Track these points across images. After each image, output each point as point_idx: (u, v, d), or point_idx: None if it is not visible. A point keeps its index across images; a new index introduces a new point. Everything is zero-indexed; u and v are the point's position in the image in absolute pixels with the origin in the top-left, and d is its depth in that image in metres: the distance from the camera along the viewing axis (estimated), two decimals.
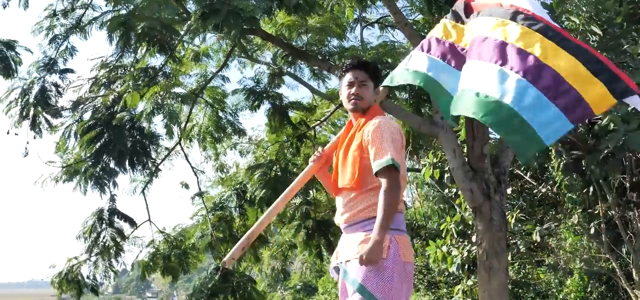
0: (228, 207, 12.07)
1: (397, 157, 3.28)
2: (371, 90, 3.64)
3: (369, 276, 3.19)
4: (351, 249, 3.35)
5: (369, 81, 3.63)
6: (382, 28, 11.34)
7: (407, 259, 3.31)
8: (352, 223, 3.42)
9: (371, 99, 3.63)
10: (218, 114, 11.45)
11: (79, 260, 10.92)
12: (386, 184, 3.25)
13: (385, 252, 3.20)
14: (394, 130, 3.40)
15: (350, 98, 3.61)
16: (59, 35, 10.54)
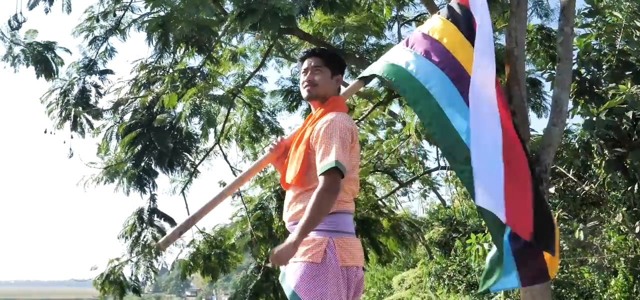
0: (267, 208, 12.10)
1: (344, 158, 3.11)
2: (327, 76, 3.50)
3: (302, 282, 3.04)
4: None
5: (324, 67, 3.50)
6: (419, 25, 11.23)
7: (346, 263, 3.14)
8: (293, 223, 3.24)
9: (328, 87, 3.49)
10: (256, 113, 11.49)
11: (121, 261, 11.04)
12: (322, 185, 3.07)
13: (320, 257, 3.06)
14: (345, 129, 3.22)
15: (303, 85, 3.52)
16: (99, 37, 10.68)
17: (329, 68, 3.52)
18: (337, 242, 3.13)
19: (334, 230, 3.16)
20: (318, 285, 3.02)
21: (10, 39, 10.68)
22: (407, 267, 22.66)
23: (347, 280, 3.14)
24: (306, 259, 3.08)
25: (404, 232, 12.68)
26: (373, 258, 12.19)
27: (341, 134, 3.18)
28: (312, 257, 3.07)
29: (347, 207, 3.28)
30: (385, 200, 16.73)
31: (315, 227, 3.07)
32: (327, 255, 3.07)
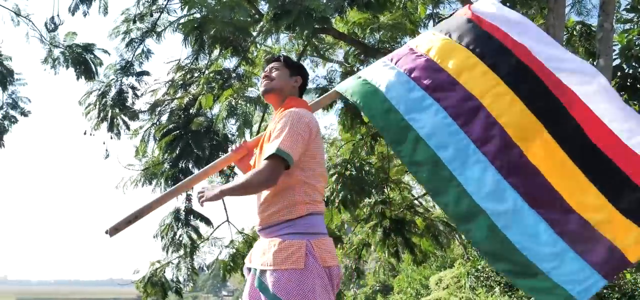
0: None
1: (291, 148, 3.06)
2: (285, 74, 3.49)
3: (292, 291, 2.95)
4: (266, 257, 3.09)
5: (283, 68, 3.52)
6: None
7: (328, 263, 3.08)
8: (267, 226, 3.18)
9: (285, 83, 3.47)
10: None
11: (162, 263, 11.14)
12: (259, 167, 3.10)
13: (302, 262, 2.99)
14: (299, 121, 3.16)
15: (261, 83, 3.54)
16: (135, 38, 10.81)
17: (287, 68, 3.54)
18: (315, 244, 3.08)
19: (310, 232, 3.11)
20: (306, 291, 2.97)
21: (49, 41, 10.88)
22: (445, 267, 22.50)
23: (331, 280, 3.10)
24: (288, 266, 3.00)
25: (439, 232, 12.58)
26: (407, 258, 12.10)
27: (294, 126, 3.14)
28: (294, 264, 3.00)
29: (319, 207, 3.23)
30: (422, 199, 16.65)
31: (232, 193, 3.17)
32: (308, 260, 3.02)
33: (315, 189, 3.21)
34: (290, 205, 3.12)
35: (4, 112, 11.49)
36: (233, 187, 3.18)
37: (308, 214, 3.13)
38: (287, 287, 2.96)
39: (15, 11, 10.93)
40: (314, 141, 3.21)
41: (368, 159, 11.76)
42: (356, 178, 10.94)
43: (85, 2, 10.42)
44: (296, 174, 3.14)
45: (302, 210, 3.12)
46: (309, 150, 3.19)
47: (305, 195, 3.15)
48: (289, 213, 3.11)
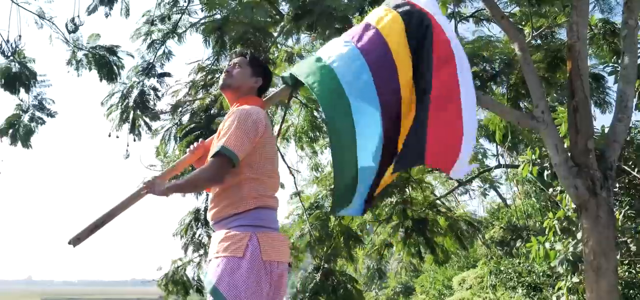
0: (323, 207, 12.10)
1: (236, 146, 3.09)
2: (246, 73, 3.50)
3: (223, 276, 3.00)
4: (213, 247, 3.16)
5: (246, 66, 3.53)
6: (477, 22, 11.05)
7: (270, 257, 3.10)
8: (217, 220, 3.23)
9: (244, 82, 3.49)
10: (313, 113, 11.48)
11: (183, 262, 11.19)
12: (206, 164, 3.17)
13: (241, 251, 3.03)
14: (248, 119, 3.18)
15: (221, 76, 3.56)
16: (157, 40, 10.86)
17: (250, 67, 3.55)
18: (261, 237, 3.10)
19: (257, 225, 3.14)
20: (239, 279, 2.99)
21: (73, 43, 10.97)
22: (468, 267, 22.36)
23: (270, 274, 3.11)
24: (228, 253, 3.05)
25: (462, 231, 12.50)
26: (429, 258, 12.04)
27: (241, 125, 3.15)
28: (234, 252, 3.05)
29: (269, 202, 3.25)
30: (445, 199, 16.56)
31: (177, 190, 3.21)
32: (248, 249, 3.05)
33: (266, 185, 3.25)
34: (239, 200, 3.16)
35: (31, 114, 11.61)
36: (180, 184, 3.25)
37: (256, 208, 3.17)
38: (219, 272, 3.02)
39: (39, 14, 11.04)
40: (263, 139, 3.24)
41: None
42: None
43: (105, 3, 10.49)
44: (244, 172, 3.18)
45: (250, 204, 3.16)
46: (258, 147, 3.22)
47: (254, 191, 3.18)
48: (237, 207, 3.16)
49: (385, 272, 24.94)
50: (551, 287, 13.41)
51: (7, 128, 11.35)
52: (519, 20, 9.85)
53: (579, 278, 8.80)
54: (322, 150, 14.73)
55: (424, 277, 24.85)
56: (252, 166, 3.19)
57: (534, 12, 9.32)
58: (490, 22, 10.66)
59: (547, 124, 7.14)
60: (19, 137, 11.39)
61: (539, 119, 7.21)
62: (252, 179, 3.18)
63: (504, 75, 9.20)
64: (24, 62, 11.01)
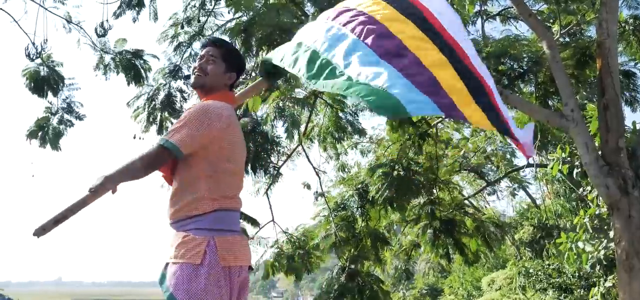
0: (350, 207, 12.06)
1: (182, 141, 2.98)
2: (220, 70, 3.34)
3: (180, 283, 2.87)
4: (170, 250, 3.01)
5: (220, 60, 3.35)
6: (504, 20, 10.93)
7: (229, 263, 2.97)
8: (176, 220, 3.07)
9: (217, 80, 3.33)
10: (338, 114, 11.45)
11: None
12: (145, 151, 3.03)
13: (199, 257, 2.89)
14: (205, 117, 3.05)
15: (194, 70, 3.37)
16: (183, 42, 10.91)
17: (224, 62, 3.38)
18: (219, 242, 2.97)
19: (216, 228, 3.01)
20: (197, 287, 2.88)
21: (101, 48, 11.07)
22: (497, 267, 22.18)
23: (230, 280, 2.98)
24: (185, 260, 2.93)
25: (490, 233, 12.38)
26: (458, 259, 11.94)
27: (193, 120, 3.04)
28: (191, 258, 2.92)
29: (229, 204, 3.10)
30: (473, 200, 16.41)
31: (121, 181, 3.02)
32: (206, 255, 2.92)
33: (226, 183, 3.11)
34: (196, 201, 3.01)
35: (60, 117, 11.74)
36: (117, 175, 3.02)
37: (214, 210, 3.03)
38: (176, 281, 2.89)
39: (67, 18, 11.15)
40: (224, 136, 3.11)
41: (416, 159, 11.63)
42: (404, 178, 10.84)
43: (131, 7, 10.58)
44: (201, 166, 3.06)
45: (208, 206, 3.02)
46: (216, 143, 3.08)
47: (213, 192, 3.04)
48: (195, 208, 3.01)
49: (413, 273, 24.83)
50: (582, 288, 13.22)
51: (36, 130, 11.48)
52: (547, 18, 9.72)
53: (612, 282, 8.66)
54: (347, 152, 14.71)
55: (452, 278, 24.70)
56: (209, 162, 3.06)
57: (561, 10, 9.20)
58: (517, 20, 10.54)
59: (576, 122, 7.03)
60: (48, 140, 11.51)
61: (568, 117, 7.10)
62: (209, 176, 3.05)
63: (532, 74, 9.08)
64: (52, 66, 11.13)
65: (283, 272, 11.75)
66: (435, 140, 11.98)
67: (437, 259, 13.78)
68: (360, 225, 11.90)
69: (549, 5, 9.77)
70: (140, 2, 10.86)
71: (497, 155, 16.54)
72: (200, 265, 2.90)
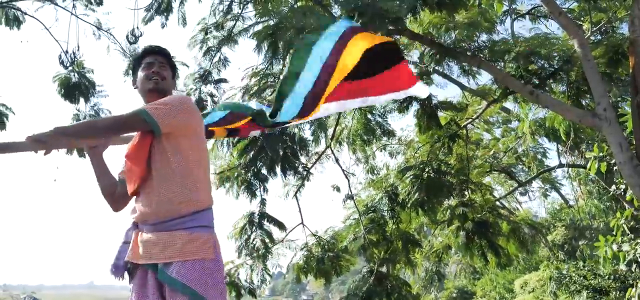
0: (380, 210, 12.01)
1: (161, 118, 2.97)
2: (170, 76, 3.42)
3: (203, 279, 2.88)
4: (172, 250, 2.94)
5: (168, 68, 3.42)
6: (534, 19, 10.79)
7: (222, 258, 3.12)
8: (166, 219, 2.99)
9: (169, 85, 3.39)
10: (366, 116, 11.40)
11: (236, 264, 11.25)
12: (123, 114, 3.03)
13: (212, 253, 2.96)
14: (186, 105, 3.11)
15: (150, 77, 3.32)
16: (212, 47, 10.96)
17: (171, 70, 3.46)
18: (216, 239, 3.08)
19: (211, 226, 3.07)
20: (219, 279, 2.96)
21: (130, 54, 11.18)
22: (529, 269, 21.92)
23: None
24: (201, 256, 2.94)
25: (524, 235, 12.22)
26: (492, 261, 11.81)
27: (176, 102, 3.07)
28: (207, 254, 2.96)
29: (211, 201, 3.16)
30: (505, 201, 16.24)
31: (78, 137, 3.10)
32: (216, 250, 3.02)
33: (208, 179, 3.20)
34: (193, 199, 3.01)
35: None
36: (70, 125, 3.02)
37: (208, 208, 3.09)
38: (201, 278, 2.90)
39: (97, 25, 11.29)
40: (202, 128, 3.21)
41: (446, 161, 11.54)
42: (434, 180, 10.75)
43: (161, 13, 10.66)
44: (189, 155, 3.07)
45: (204, 203, 3.06)
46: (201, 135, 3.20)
47: (207, 188, 3.13)
48: (193, 205, 3.01)
49: (444, 275, 24.65)
50: (618, 290, 12.99)
51: None
52: (578, 15, 9.58)
53: None
54: (375, 155, 14.65)
55: (484, 280, 24.48)
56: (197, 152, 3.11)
57: (592, 7, 9.05)
58: (547, 18, 10.40)
59: (609, 121, 6.91)
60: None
61: (601, 116, 6.99)
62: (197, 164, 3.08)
63: (563, 73, 8.94)
64: (83, 73, 11.27)
65: (312, 275, 11.74)
66: (466, 141, 11.87)
67: (466, 261, 13.65)
68: (391, 227, 11.83)
69: (579, 3, 9.63)
70: (169, 7, 10.95)
71: (528, 156, 16.35)
72: (214, 260, 2.99)
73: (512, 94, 9.78)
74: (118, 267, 3.11)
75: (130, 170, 3.15)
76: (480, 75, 10.90)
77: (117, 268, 3.12)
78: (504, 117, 15.27)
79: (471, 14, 9.62)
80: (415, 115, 10.67)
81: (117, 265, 3.11)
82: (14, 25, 11.43)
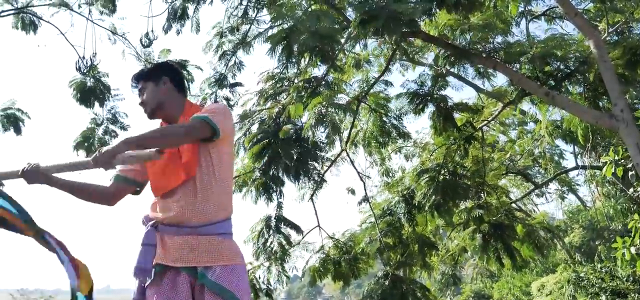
0: (396, 213, 11.97)
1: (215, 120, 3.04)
2: (152, 89, 3.35)
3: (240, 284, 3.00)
4: (212, 254, 3.01)
5: (147, 83, 3.37)
6: (549, 20, 10.73)
7: None
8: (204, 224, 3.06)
9: (157, 97, 3.33)
10: (382, 118, 11.37)
11: (253, 266, 11.26)
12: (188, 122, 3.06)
13: (242, 258, 3.13)
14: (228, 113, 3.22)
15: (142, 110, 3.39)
16: (227, 51, 11.01)
17: (150, 81, 3.38)
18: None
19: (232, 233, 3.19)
20: (248, 284, 3.10)
21: (145, 59, 11.25)
22: (546, 272, 21.78)
23: None
24: (236, 262, 3.08)
25: (540, 238, 12.13)
26: (508, 264, 11.74)
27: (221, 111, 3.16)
28: (240, 260, 3.12)
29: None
30: (520, 203, 16.15)
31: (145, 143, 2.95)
32: (241, 255, 3.16)
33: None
34: (224, 205, 3.13)
35: (105, 127, 11.93)
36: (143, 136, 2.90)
37: (230, 216, 3.19)
38: (237, 283, 3.01)
39: (112, 30, 11.36)
40: (232, 140, 3.32)
41: (462, 163, 11.49)
42: (450, 182, 10.71)
43: (177, 20, 10.73)
44: (230, 165, 3.21)
45: (229, 211, 3.18)
46: (231, 148, 3.28)
47: (232, 198, 3.23)
48: (223, 212, 3.12)
49: (460, 278, 24.55)
50: (637, 292, 12.87)
51: (82, 141, 11.70)
52: (594, 16, 9.51)
53: None
54: (391, 157, 14.62)
55: (501, 283, 24.35)
56: (232, 158, 3.24)
57: (608, 8, 8.99)
58: (562, 19, 10.34)
59: (627, 123, 6.86)
60: (94, 150, 11.71)
61: (618, 118, 6.94)
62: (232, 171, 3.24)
63: (579, 74, 8.88)
64: (98, 77, 11.35)
65: (330, 277, 11.72)
66: (482, 144, 11.81)
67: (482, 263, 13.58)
68: (408, 230, 11.80)
69: (595, 4, 9.56)
70: (184, 14, 11.02)
71: (544, 158, 16.25)
72: (244, 266, 3.14)
73: (528, 95, 9.73)
74: (144, 270, 3.06)
75: (172, 172, 3.16)
76: (495, 77, 10.87)
77: (143, 271, 3.06)
78: (520, 118, 15.18)
79: (486, 15, 9.59)
80: (431, 117, 10.64)
81: (143, 268, 3.05)
82: (30, 30, 11.55)
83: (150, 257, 3.07)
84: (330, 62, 9.78)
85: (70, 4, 11.69)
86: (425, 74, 10.90)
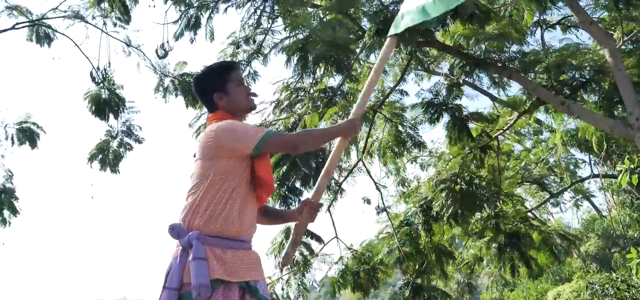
0: (414, 223, 11.99)
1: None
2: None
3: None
4: (257, 270, 2.99)
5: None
6: (564, 29, 10.75)
7: None
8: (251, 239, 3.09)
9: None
10: (397, 128, 11.42)
11: (273, 279, 11.29)
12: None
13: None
14: None
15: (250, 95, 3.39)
16: (242, 61, 11.08)
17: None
18: None
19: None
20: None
21: (160, 70, 11.35)
22: (562, 280, 21.68)
23: None
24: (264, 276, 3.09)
25: (556, 245, 12.12)
26: (523, 272, 11.73)
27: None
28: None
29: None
30: (536, 212, 16.11)
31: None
32: None
33: None
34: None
35: (120, 140, 12.03)
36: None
37: None
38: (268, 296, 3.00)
39: (126, 42, 11.48)
40: None
41: (478, 173, 11.50)
42: (466, 192, 10.73)
43: (190, 28, 10.81)
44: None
45: None
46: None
47: None
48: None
49: (476, 287, 24.44)
50: None
51: (97, 153, 11.78)
52: (608, 25, 9.53)
53: None
54: (406, 167, 14.64)
55: (516, 292, 24.24)
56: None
57: (623, 17, 9.00)
58: (578, 28, 10.36)
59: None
60: (108, 162, 11.80)
61: (633, 126, 6.96)
62: None
63: (594, 83, 8.89)
64: (113, 89, 11.45)
65: (349, 288, 11.71)
66: (497, 153, 11.82)
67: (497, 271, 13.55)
68: (425, 240, 11.82)
69: (610, 13, 9.58)
70: (197, 22, 11.10)
71: (559, 167, 16.23)
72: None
73: (543, 104, 9.75)
74: (206, 286, 2.81)
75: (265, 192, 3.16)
76: (510, 87, 10.90)
77: (205, 287, 2.81)
78: (535, 127, 15.18)
79: (501, 25, 9.62)
80: (446, 127, 10.67)
81: (204, 284, 2.81)
82: (45, 43, 11.67)
83: (203, 271, 2.85)
84: (345, 72, 9.84)
85: (85, 16, 11.81)
86: (440, 83, 10.95)
